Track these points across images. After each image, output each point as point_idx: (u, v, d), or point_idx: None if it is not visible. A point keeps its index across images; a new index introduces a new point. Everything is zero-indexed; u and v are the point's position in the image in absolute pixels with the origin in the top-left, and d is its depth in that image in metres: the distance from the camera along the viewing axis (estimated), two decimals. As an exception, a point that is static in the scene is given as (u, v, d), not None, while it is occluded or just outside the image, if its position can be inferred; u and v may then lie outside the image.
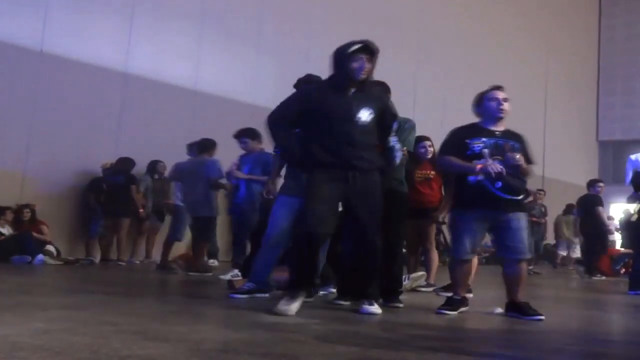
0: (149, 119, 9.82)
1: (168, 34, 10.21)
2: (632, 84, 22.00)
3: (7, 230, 8.01)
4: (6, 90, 8.23)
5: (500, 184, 4.16)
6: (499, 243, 4.43)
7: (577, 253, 14.00)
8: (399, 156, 4.30)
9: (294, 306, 3.89)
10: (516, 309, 4.29)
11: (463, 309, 4.43)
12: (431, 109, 14.57)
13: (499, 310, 4.47)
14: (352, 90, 4.12)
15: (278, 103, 4.65)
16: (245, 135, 6.98)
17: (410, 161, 5.22)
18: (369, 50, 4.11)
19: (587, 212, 10.62)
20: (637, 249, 7.90)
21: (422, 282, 6.27)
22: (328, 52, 4.28)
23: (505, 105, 4.35)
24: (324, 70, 4.26)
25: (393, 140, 4.29)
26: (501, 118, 4.36)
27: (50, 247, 8.09)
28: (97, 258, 8.84)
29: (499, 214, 4.24)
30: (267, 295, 4.76)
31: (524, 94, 17.40)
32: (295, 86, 5.11)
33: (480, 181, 4.19)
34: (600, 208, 10.48)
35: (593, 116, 22.77)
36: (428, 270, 6.50)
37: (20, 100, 8.41)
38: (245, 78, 11.21)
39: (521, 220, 4.27)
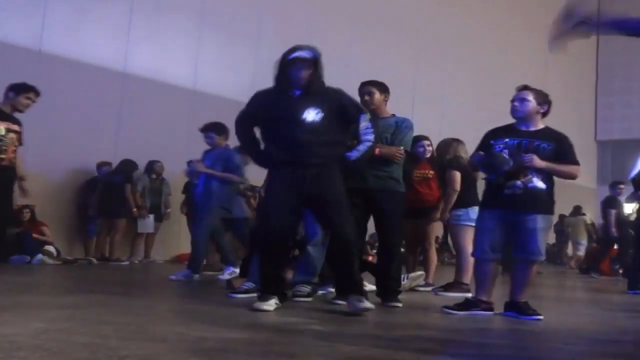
0: (147, 118, 9.81)
1: (167, 34, 10.20)
2: (631, 84, 22.01)
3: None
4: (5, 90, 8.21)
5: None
6: (514, 243, 4.41)
7: (581, 252, 14.17)
8: (361, 150, 4.27)
9: (271, 303, 3.94)
10: (515, 308, 4.29)
11: (479, 312, 4.31)
12: (430, 108, 14.57)
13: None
14: (297, 93, 4.18)
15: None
16: (212, 129, 6.84)
17: (408, 161, 5.23)
18: (307, 58, 4.17)
19: (604, 213, 10.80)
20: (635, 248, 7.92)
21: (421, 281, 6.27)
22: (328, 52, 4.29)
23: (518, 106, 4.36)
24: (324, 67, 4.26)
25: (364, 133, 4.28)
26: (519, 117, 4.39)
27: (50, 248, 8.07)
28: (96, 258, 8.84)
29: (516, 214, 4.24)
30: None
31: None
32: None
33: (497, 180, 4.26)
34: (612, 210, 10.47)
35: (591, 116, 22.79)
36: (427, 269, 6.50)
37: (19, 100, 8.39)
38: (244, 78, 11.19)
39: (537, 221, 4.23)
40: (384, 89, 4.91)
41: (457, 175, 6.07)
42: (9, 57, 8.22)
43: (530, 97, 4.36)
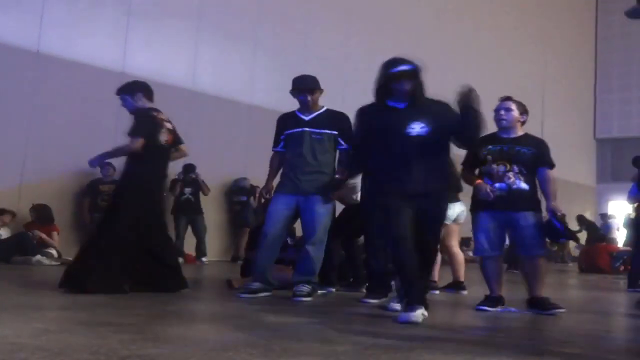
0: (146, 119, 9.78)
1: (165, 34, 10.19)
2: (629, 81, 22.02)
3: (6, 232, 7.99)
4: (3, 92, 8.21)
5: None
6: (514, 242, 4.71)
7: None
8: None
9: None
10: (536, 304, 4.50)
11: (500, 307, 4.56)
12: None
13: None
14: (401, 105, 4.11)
15: (275, 102, 4.72)
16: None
17: None
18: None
19: None
20: (635, 247, 7.92)
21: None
22: (325, 51, 4.29)
23: (504, 115, 4.67)
24: (321, 69, 4.26)
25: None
26: (503, 127, 4.69)
27: (51, 250, 8.06)
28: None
29: (506, 213, 4.51)
30: (270, 293, 4.79)
31: (521, 93, 17.36)
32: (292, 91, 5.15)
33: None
34: None
35: (590, 114, 22.80)
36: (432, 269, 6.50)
37: (17, 101, 8.39)
38: (242, 78, 11.20)
39: (528, 218, 4.50)
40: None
41: None
42: (7, 58, 8.22)
43: (514, 107, 4.71)
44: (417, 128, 3.99)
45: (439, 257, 6.28)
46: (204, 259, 9.59)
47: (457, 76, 16.55)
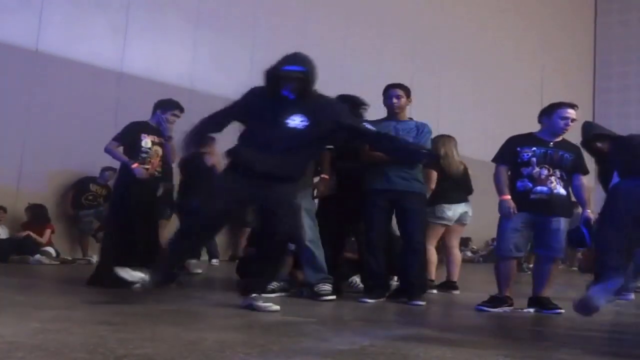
0: (144, 117, 9.74)
1: (163, 33, 10.18)
2: (628, 82, 22.06)
3: (4, 232, 7.97)
4: (1, 90, 8.20)
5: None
6: (536, 240, 4.72)
7: None
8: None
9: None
10: (538, 303, 4.59)
11: (506, 308, 4.57)
12: (427, 106, 14.54)
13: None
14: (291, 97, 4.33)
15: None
16: None
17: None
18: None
19: None
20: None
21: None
22: (323, 51, 4.29)
23: (572, 123, 4.69)
24: (320, 67, 4.26)
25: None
26: (561, 134, 4.72)
27: (49, 249, 8.04)
28: (94, 258, 8.80)
29: (542, 216, 4.56)
30: (287, 293, 4.82)
31: (520, 91, 17.39)
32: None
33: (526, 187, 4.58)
34: None
35: (589, 115, 22.81)
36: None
37: (15, 99, 8.38)
38: (240, 77, 11.16)
39: (561, 223, 4.57)
40: (409, 93, 5.08)
41: (433, 174, 5.97)
42: (6, 56, 8.20)
43: None
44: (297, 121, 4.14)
45: (434, 256, 6.30)
46: (214, 261, 9.53)
47: (454, 75, 16.55)
